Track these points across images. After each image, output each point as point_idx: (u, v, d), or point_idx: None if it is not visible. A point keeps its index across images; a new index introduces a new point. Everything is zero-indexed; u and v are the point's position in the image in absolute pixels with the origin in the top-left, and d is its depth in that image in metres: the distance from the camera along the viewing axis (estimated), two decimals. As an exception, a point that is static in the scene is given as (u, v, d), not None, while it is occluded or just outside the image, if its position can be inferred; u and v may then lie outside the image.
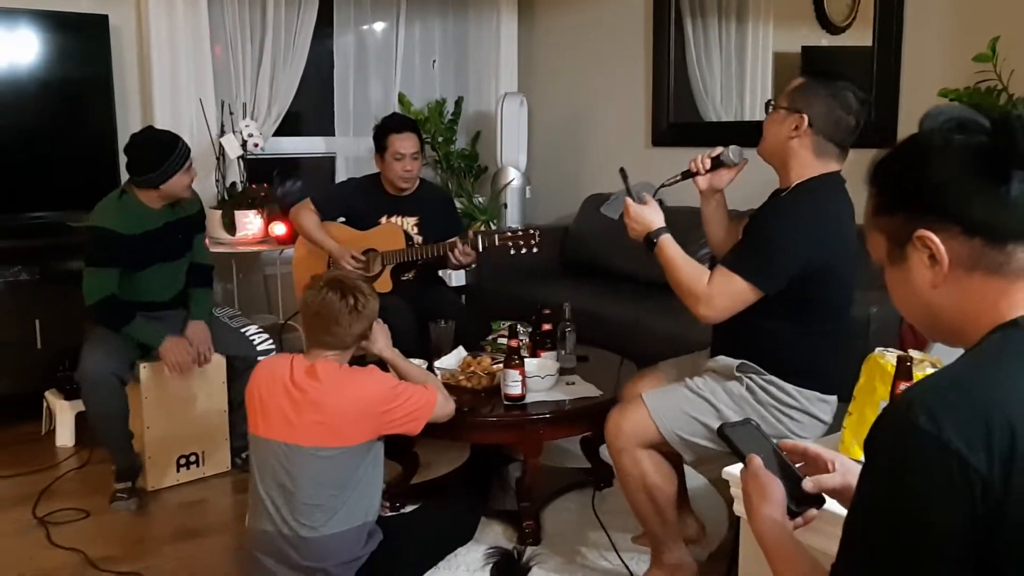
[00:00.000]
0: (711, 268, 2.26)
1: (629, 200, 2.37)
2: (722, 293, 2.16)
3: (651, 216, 2.32)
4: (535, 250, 3.24)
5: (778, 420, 2.26)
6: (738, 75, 4.58)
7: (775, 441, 1.34)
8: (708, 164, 2.42)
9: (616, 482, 3.06)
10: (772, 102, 2.30)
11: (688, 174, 2.46)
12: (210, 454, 3.35)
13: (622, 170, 2.45)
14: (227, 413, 3.36)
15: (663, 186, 2.44)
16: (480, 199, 5.06)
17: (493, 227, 4.89)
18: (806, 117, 2.19)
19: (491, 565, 1.83)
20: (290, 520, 2.26)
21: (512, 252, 3.25)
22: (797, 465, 1.32)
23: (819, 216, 2.16)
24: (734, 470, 1.70)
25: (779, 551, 1.17)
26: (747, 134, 2.31)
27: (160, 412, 3.21)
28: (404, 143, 3.55)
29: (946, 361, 1.77)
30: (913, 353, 1.75)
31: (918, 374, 1.66)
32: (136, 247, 3.08)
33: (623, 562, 2.61)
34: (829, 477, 1.28)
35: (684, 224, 4.18)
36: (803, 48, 4.37)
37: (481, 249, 3.31)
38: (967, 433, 0.88)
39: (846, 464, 1.30)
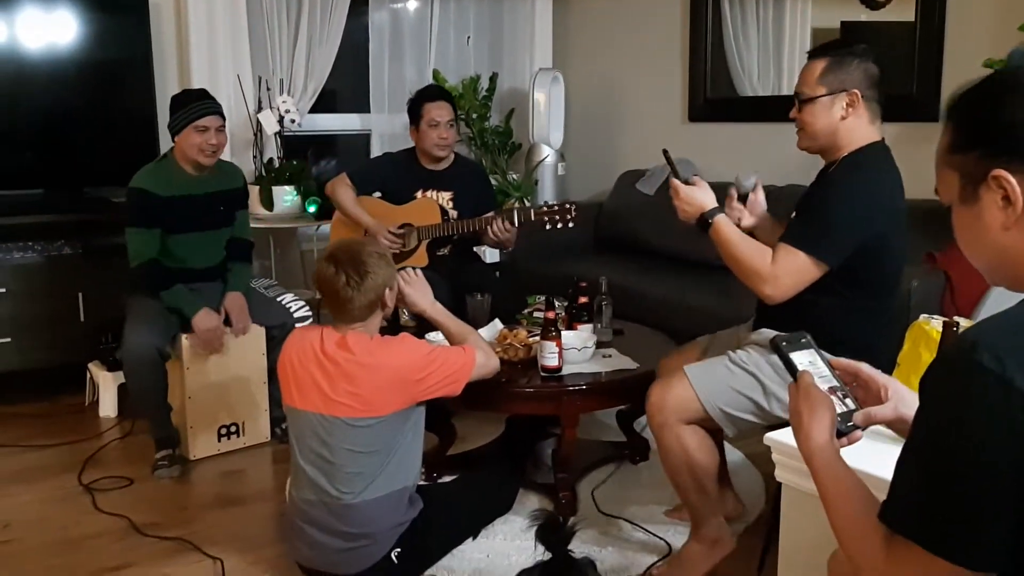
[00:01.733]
0: None
1: (677, 182, 2.32)
2: (788, 271, 2.12)
3: (702, 197, 2.28)
4: (571, 225, 3.23)
5: None
6: (775, 50, 4.54)
7: (828, 357, 1.32)
8: (741, 205, 2.45)
9: (652, 455, 3.10)
10: (798, 96, 2.24)
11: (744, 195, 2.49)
12: (250, 425, 3.40)
13: (666, 152, 2.43)
14: (266, 384, 3.40)
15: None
16: (514, 176, 5.05)
17: (527, 204, 4.89)
18: (857, 91, 2.16)
19: (535, 528, 1.84)
20: (330, 489, 2.29)
21: (548, 227, 3.24)
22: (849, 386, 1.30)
23: (871, 189, 2.14)
24: (776, 436, 1.70)
25: (828, 474, 1.16)
26: (784, 109, 2.29)
27: (201, 383, 3.26)
28: (439, 111, 3.56)
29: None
30: (958, 319, 1.73)
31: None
32: (172, 209, 3.14)
33: (655, 534, 2.62)
34: (880, 409, 1.26)
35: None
36: (842, 23, 4.31)
37: (518, 224, 3.30)
38: None
39: (899, 391, 1.28)
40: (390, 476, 2.32)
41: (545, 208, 3.28)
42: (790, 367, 1.29)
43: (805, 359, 1.30)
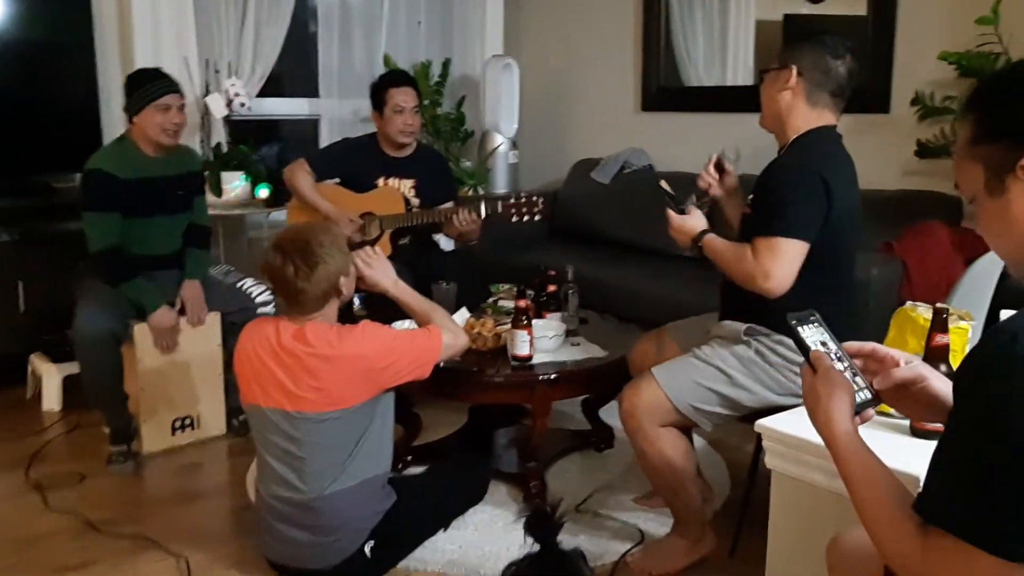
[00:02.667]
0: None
1: (672, 213, 2.38)
2: (773, 261, 2.13)
3: (692, 223, 2.35)
4: (538, 218, 3.21)
5: (788, 379, 2.26)
6: (720, 41, 4.59)
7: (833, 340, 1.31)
8: (715, 173, 2.48)
9: (616, 443, 3.11)
10: (764, 71, 2.32)
11: (703, 193, 2.51)
12: (205, 417, 3.30)
13: (661, 185, 2.45)
14: (222, 375, 3.31)
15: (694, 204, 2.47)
16: (467, 163, 5.01)
17: (481, 192, 4.86)
18: (794, 67, 2.22)
19: (524, 520, 1.82)
20: (300, 484, 2.23)
21: (515, 219, 3.21)
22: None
23: (821, 166, 2.17)
24: (767, 423, 1.71)
25: (855, 461, 1.15)
26: (731, 99, 2.34)
27: (155, 374, 3.15)
28: (404, 96, 3.50)
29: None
30: (946, 306, 1.75)
31: (952, 327, 1.68)
32: (132, 193, 3.02)
33: (627, 522, 2.62)
34: (900, 370, 1.27)
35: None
36: (785, 16, 4.38)
37: (484, 216, 3.26)
38: None
39: (913, 359, 1.30)
40: (361, 466, 2.26)
41: (512, 200, 3.23)
42: (802, 347, 1.28)
43: (816, 338, 1.28)
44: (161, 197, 3.14)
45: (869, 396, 1.24)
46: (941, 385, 1.26)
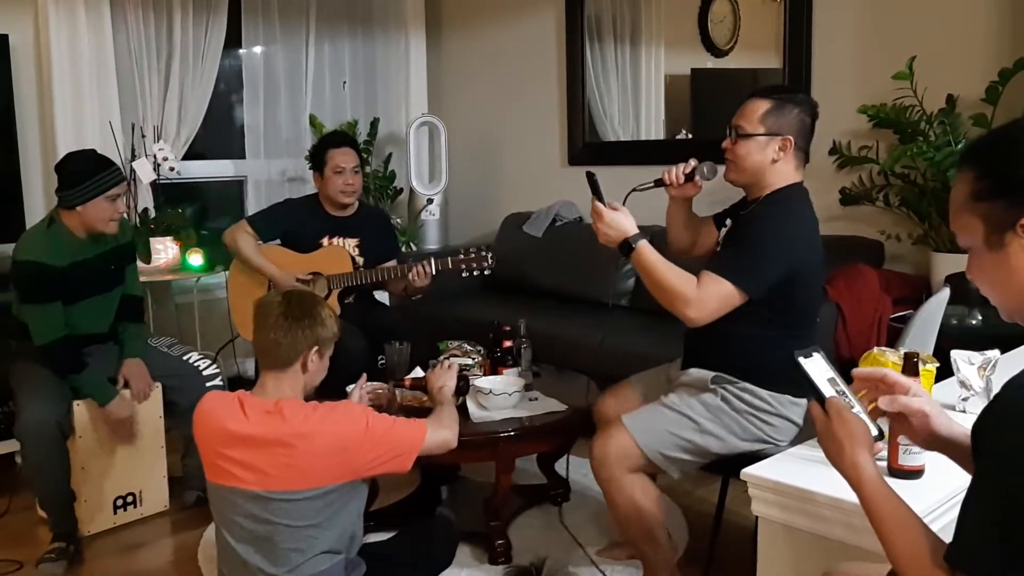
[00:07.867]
0: None
1: (600, 205, 2.28)
2: (711, 297, 2.19)
3: (625, 222, 2.28)
4: (487, 272, 3.24)
5: (754, 426, 2.32)
6: (633, 97, 4.76)
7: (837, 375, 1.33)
8: (682, 179, 2.46)
9: (573, 496, 3.12)
10: (736, 129, 2.31)
11: (661, 183, 2.48)
12: (148, 493, 3.18)
13: (590, 175, 2.36)
14: (164, 448, 3.20)
15: (635, 190, 2.46)
16: (397, 220, 5.01)
17: (413, 248, 4.87)
18: (791, 138, 2.27)
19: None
20: (266, 567, 2.11)
21: (465, 274, 3.24)
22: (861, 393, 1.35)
23: (797, 224, 2.27)
24: (754, 471, 1.74)
25: (884, 506, 1.17)
26: (646, 153, 2.32)
27: (95, 451, 3.02)
28: (344, 157, 3.51)
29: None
30: (916, 351, 1.83)
31: (921, 370, 1.76)
32: (68, 280, 2.90)
33: (601, 572, 2.63)
34: (907, 399, 1.33)
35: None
36: (692, 70, 4.58)
37: (435, 272, 3.28)
38: None
39: (921, 390, 1.36)
40: (331, 547, 2.18)
41: (462, 256, 3.26)
42: (811, 386, 1.31)
43: (822, 375, 1.32)
44: (95, 277, 3.02)
45: (876, 432, 1.28)
46: (944, 421, 1.33)
